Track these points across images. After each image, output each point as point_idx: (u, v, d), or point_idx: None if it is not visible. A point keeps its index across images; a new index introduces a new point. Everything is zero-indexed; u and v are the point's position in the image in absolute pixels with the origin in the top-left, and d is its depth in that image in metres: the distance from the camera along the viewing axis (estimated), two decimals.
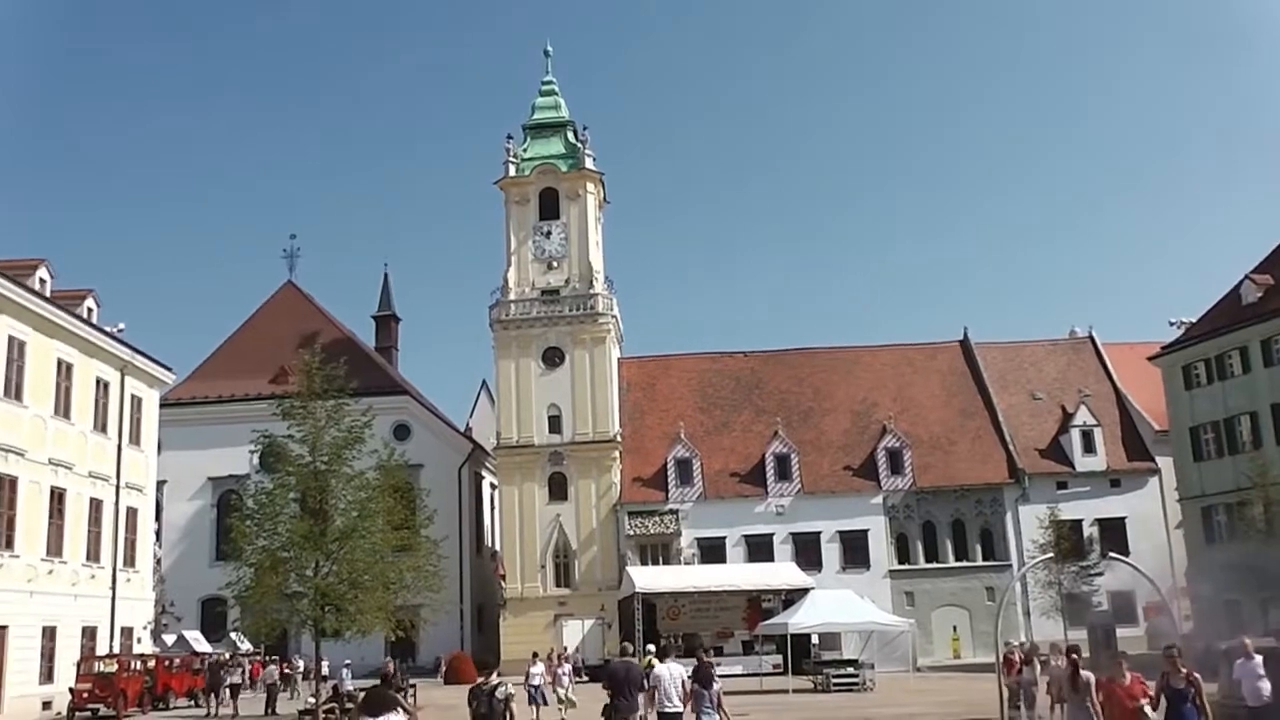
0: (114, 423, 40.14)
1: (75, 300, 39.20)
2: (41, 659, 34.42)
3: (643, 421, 58.34)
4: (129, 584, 40.82)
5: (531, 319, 57.83)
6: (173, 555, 58.84)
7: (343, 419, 24.41)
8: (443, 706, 31.10)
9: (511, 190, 60.14)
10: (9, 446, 33.04)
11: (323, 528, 23.44)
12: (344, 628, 23.92)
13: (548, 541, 55.69)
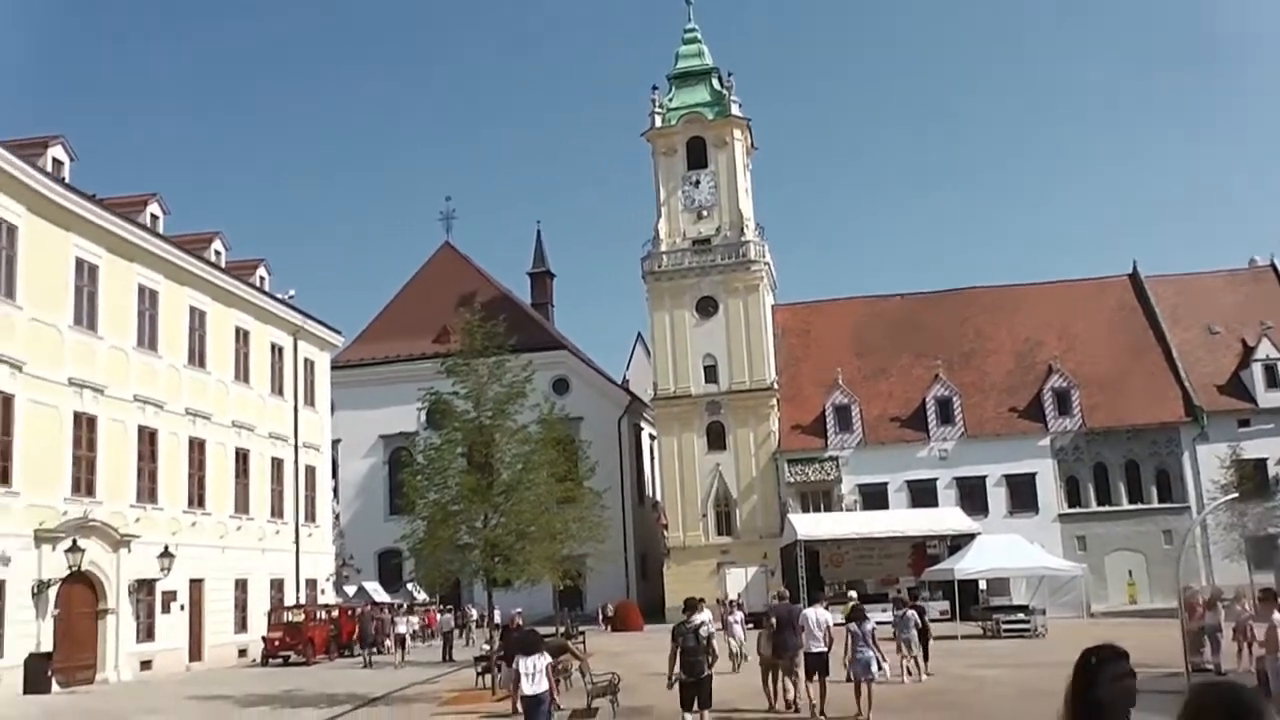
0: (289, 385, 42.01)
1: (248, 270, 41.02)
2: (235, 609, 36.59)
3: (799, 368, 57.92)
4: (310, 538, 42.87)
5: (684, 269, 57.87)
6: (350, 510, 61.42)
7: (504, 375, 24.88)
8: (612, 653, 31.77)
9: (659, 141, 60.09)
10: (196, 411, 34.97)
11: (489, 481, 23.99)
12: (513, 577, 24.51)
13: (708, 491, 56.02)
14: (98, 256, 30.78)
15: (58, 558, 27.44)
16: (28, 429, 27.25)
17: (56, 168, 30.36)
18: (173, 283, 34.34)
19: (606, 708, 18.88)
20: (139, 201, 35.04)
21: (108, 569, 29.72)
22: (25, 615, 26.48)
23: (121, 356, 31.51)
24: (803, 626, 17.86)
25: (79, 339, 29.68)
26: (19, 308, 27.39)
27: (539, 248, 79.23)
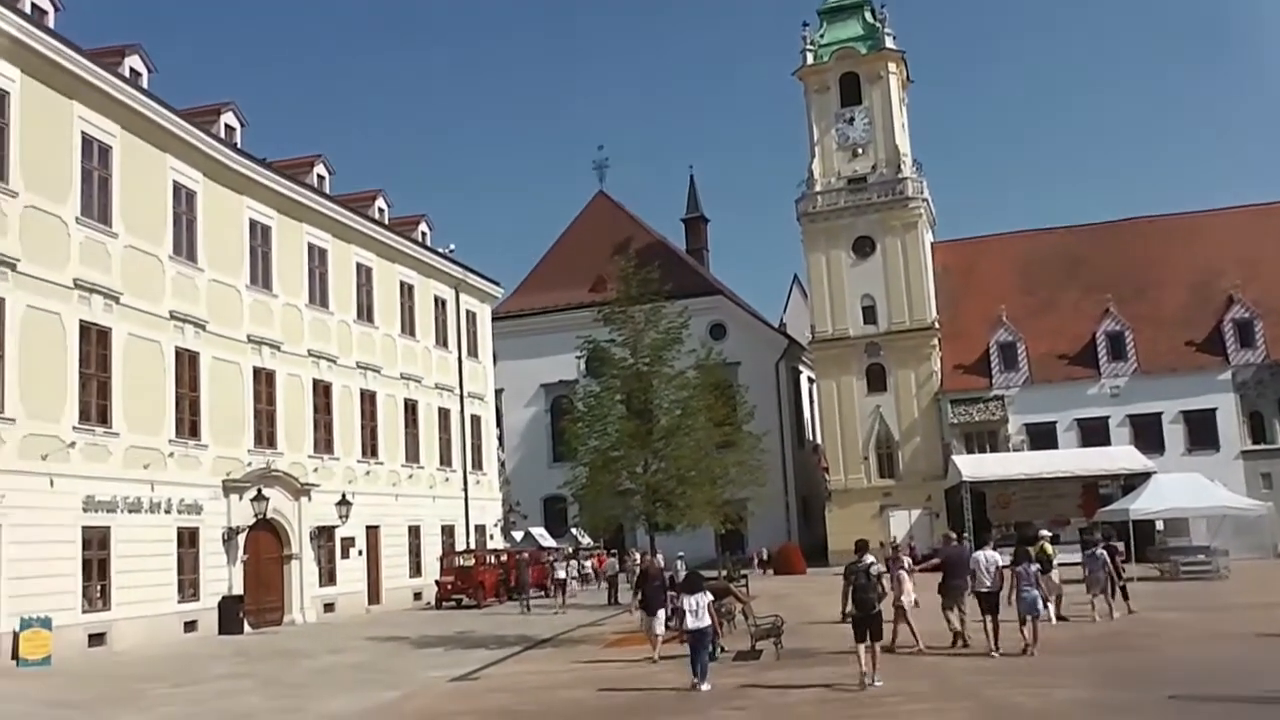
0: (453, 337, 43.16)
1: (410, 225, 42.14)
2: (409, 555, 38.02)
3: (961, 307, 56.42)
4: (478, 485, 44.15)
5: (839, 209, 56.94)
6: (515, 458, 62.95)
7: (660, 321, 24.96)
8: (774, 596, 31.85)
9: (810, 79, 58.99)
10: (367, 364, 36.27)
11: (648, 427, 24.19)
12: (674, 521, 24.73)
13: (869, 433, 55.39)
14: (269, 218, 32.05)
15: (244, 506, 28.97)
16: (212, 385, 28.72)
17: (229, 133, 31.63)
18: (340, 241, 35.54)
19: (770, 650, 18.98)
20: (306, 163, 36.29)
21: (290, 517, 31.24)
22: (217, 561, 28.10)
23: (295, 313, 32.84)
24: (973, 568, 18.44)
25: (256, 298, 31.03)
26: (200, 269, 28.78)
27: (692, 193, 79.06)
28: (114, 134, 25.95)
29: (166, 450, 26.74)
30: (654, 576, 20.65)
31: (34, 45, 23.24)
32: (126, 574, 24.65)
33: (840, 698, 14.46)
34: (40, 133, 23.52)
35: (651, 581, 20.32)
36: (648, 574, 21.08)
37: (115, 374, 25.17)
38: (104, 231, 25.28)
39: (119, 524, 24.67)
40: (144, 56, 28.59)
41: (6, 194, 22.44)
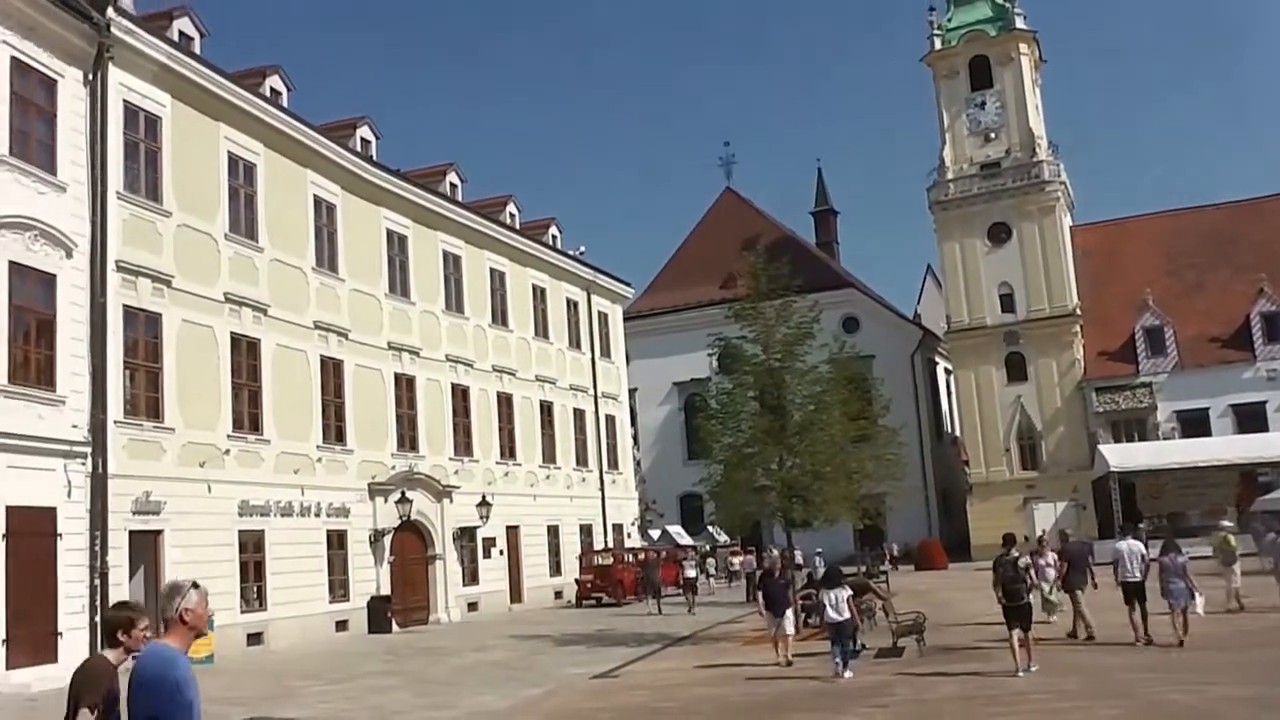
0: (586, 338, 43.63)
1: (540, 229, 42.76)
2: (549, 554, 38.59)
3: (1103, 291, 54.54)
4: (614, 485, 44.54)
5: (972, 196, 55.71)
6: (650, 456, 63.27)
7: (791, 316, 24.76)
8: (915, 592, 31.38)
9: (939, 64, 57.86)
10: (502, 368, 36.95)
11: (782, 423, 24.03)
12: (811, 517, 24.54)
13: (1010, 424, 54.05)
14: (405, 227, 32.90)
15: (389, 509, 29.80)
16: (356, 391, 29.63)
17: (364, 147, 32.59)
18: (473, 247, 36.27)
19: (912, 647, 18.71)
20: (438, 172, 37.14)
21: (433, 518, 32.01)
22: (365, 562, 28.98)
23: (432, 320, 33.64)
24: (1115, 559, 18.56)
25: (395, 306, 31.89)
26: (341, 280, 29.71)
27: (820, 186, 78.39)
28: (258, 152, 26.99)
29: (315, 456, 27.68)
30: (777, 575, 20.09)
31: (182, 71, 24.33)
32: (280, 575, 25.63)
33: (985, 694, 14.19)
34: (190, 154, 24.61)
35: (775, 580, 19.74)
36: (770, 572, 20.62)
37: (265, 383, 26.17)
38: (251, 246, 26.30)
39: (272, 527, 25.66)
40: (283, 76, 29.64)
41: (160, 214, 23.53)
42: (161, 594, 5.38)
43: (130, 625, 5.46)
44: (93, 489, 20.64)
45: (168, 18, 25.96)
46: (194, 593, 5.27)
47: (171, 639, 5.20)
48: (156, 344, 23.05)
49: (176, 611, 5.21)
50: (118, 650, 5.47)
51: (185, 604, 5.22)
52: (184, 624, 5.20)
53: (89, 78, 21.86)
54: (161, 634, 5.24)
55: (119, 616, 5.56)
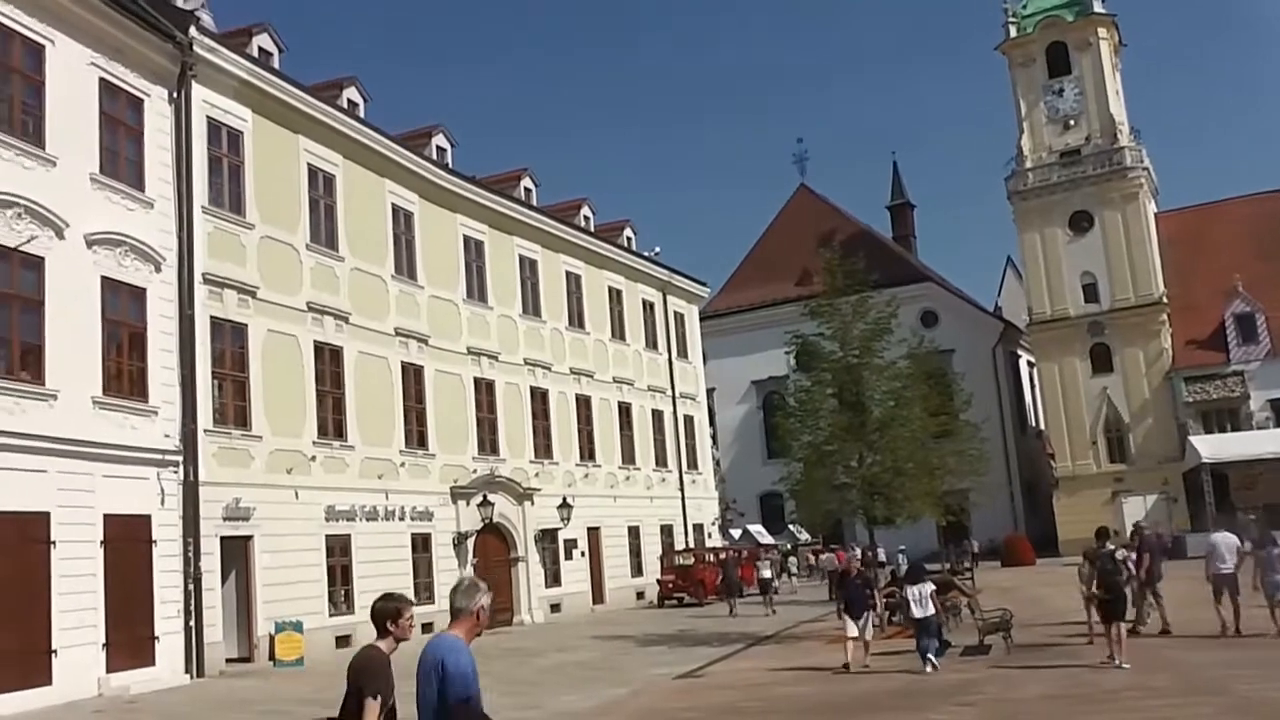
0: (662, 339, 43.68)
1: (615, 231, 42.89)
2: (630, 555, 38.71)
3: (1190, 279, 53.18)
4: (694, 485, 44.53)
5: (1052, 185, 54.74)
6: (729, 455, 63.17)
7: (868, 312, 24.58)
8: (1002, 589, 30.93)
9: (1014, 52, 56.95)
10: (580, 370, 37.15)
11: (862, 419, 23.87)
12: (893, 515, 24.35)
13: (1096, 416, 53.01)
14: (481, 233, 33.22)
15: (471, 512, 30.12)
16: (436, 396, 30.00)
17: (440, 155, 32.98)
18: (549, 251, 36.51)
19: (999, 644, 18.47)
20: (512, 177, 37.45)
21: (515, 520, 32.29)
22: (449, 565, 29.31)
23: (510, 324, 33.93)
24: (1209, 551, 18.57)
25: (473, 311, 32.23)
26: (420, 286, 30.10)
27: (896, 180, 77.74)
28: (336, 163, 27.47)
29: (398, 460, 28.09)
30: (855, 575, 19.42)
31: (262, 86, 24.87)
32: (367, 579, 26.00)
33: (1074, 693, 13.96)
34: (271, 167, 25.13)
35: (853, 581, 18.98)
36: (847, 572, 20.10)
37: (348, 390, 26.61)
38: (331, 256, 26.77)
39: (358, 531, 26.09)
40: (360, 88, 30.12)
41: (244, 226, 24.07)
42: (460, 587, 5.74)
43: (398, 615, 5.80)
44: (185, 496, 21.18)
45: (247, 34, 26.56)
46: (488, 596, 5.70)
47: (458, 630, 5.58)
48: (243, 354, 23.59)
49: (474, 607, 5.60)
50: (388, 640, 5.80)
51: (482, 603, 5.63)
52: (476, 620, 5.60)
53: (173, 95, 22.45)
54: (449, 624, 5.63)
55: (387, 608, 5.86)
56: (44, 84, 19.37)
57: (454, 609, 5.64)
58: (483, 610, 5.64)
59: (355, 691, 5.67)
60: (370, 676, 5.66)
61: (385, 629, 5.79)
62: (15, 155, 18.45)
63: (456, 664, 5.39)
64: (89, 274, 19.71)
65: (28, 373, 18.28)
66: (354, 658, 5.87)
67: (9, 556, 17.20)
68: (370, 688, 5.61)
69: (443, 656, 5.43)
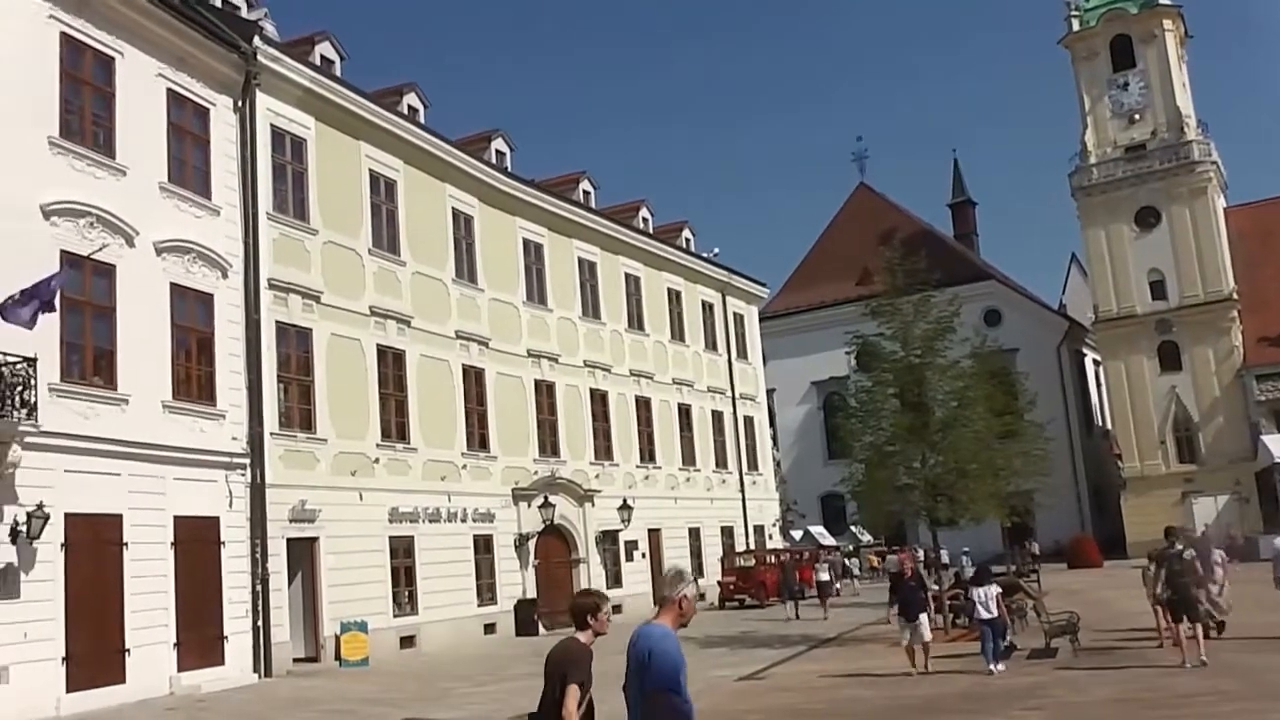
0: (721, 340, 43.61)
1: (673, 233, 42.91)
2: (691, 556, 38.66)
3: (1261, 274, 52.03)
4: (755, 486, 44.41)
5: (1117, 180, 53.80)
6: (790, 457, 62.89)
7: (930, 311, 24.36)
8: (1069, 591, 30.50)
9: (1077, 46, 56.07)
10: (639, 372, 37.22)
11: (924, 420, 23.66)
12: (957, 516, 24.11)
13: (1164, 415, 52.00)
14: (541, 236, 33.40)
15: (533, 514, 30.29)
16: (497, 399, 30.21)
17: (499, 159, 33.21)
18: (608, 253, 36.61)
19: (1066, 647, 18.22)
20: (571, 180, 37.61)
21: (576, 522, 32.42)
22: (511, 566, 29.52)
23: (570, 326, 34.07)
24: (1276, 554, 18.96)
25: (533, 313, 32.41)
26: (480, 290, 30.33)
27: (957, 177, 76.93)
28: (397, 169, 27.77)
29: (460, 462, 28.32)
30: (909, 577, 19.03)
31: (325, 94, 25.22)
32: (430, 580, 26.29)
33: (1143, 697, 13.73)
34: (333, 173, 25.47)
35: (908, 583, 18.53)
36: (902, 575, 19.69)
37: (410, 393, 26.89)
38: (393, 260, 27.07)
39: (421, 533, 26.34)
40: (419, 94, 30.42)
41: (308, 232, 24.42)
42: (666, 577, 5.98)
43: (596, 610, 6.10)
44: (252, 499, 21.53)
45: (309, 43, 26.96)
46: (693, 586, 5.86)
47: (664, 619, 5.76)
48: (308, 358, 23.94)
49: (677, 595, 5.78)
50: (587, 633, 6.07)
51: (685, 592, 5.81)
52: (679, 609, 5.75)
53: (238, 104, 22.86)
54: (655, 614, 5.83)
55: (587, 602, 6.18)
56: (114, 95, 19.82)
57: (660, 598, 5.86)
58: (686, 599, 5.77)
59: (557, 679, 5.89)
60: (573, 665, 5.90)
61: (585, 622, 6.06)
62: (87, 166, 18.89)
63: (663, 653, 5.53)
64: (158, 281, 20.13)
65: (100, 378, 18.70)
66: (554, 649, 6.11)
67: (85, 558, 17.61)
68: (573, 675, 5.84)
69: (650, 646, 5.58)
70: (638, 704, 5.57)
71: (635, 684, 5.58)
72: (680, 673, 5.53)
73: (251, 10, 25.43)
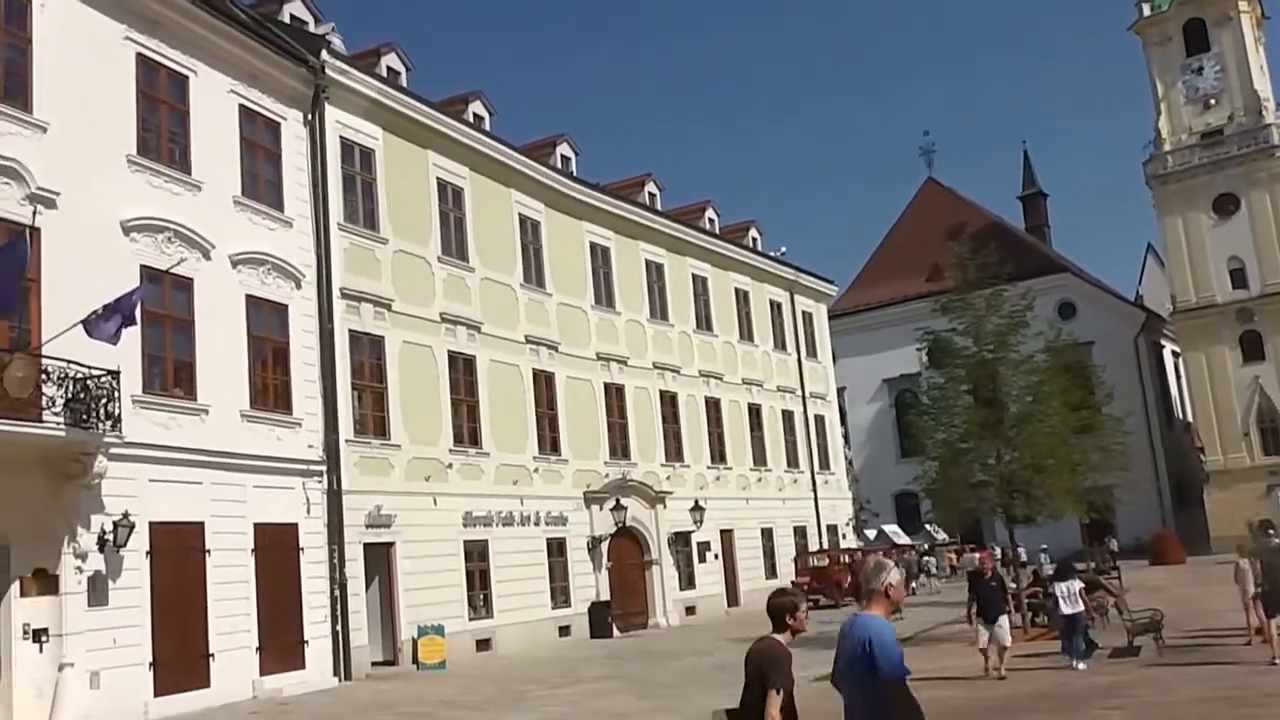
0: (790, 339, 43.42)
1: (740, 233, 42.82)
2: (763, 556, 38.55)
3: None
4: (827, 485, 44.13)
5: (1194, 167, 52.68)
6: (862, 455, 62.41)
7: (1002, 306, 24.07)
8: (1151, 588, 29.90)
9: (1149, 32, 54.99)
10: (709, 372, 37.20)
11: (998, 416, 23.39)
12: (1034, 513, 23.77)
13: (1248, 406, 50.81)
14: (607, 239, 33.51)
15: (605, 516, 30.38)
16: (568, 402, 30.35)
17: (564, 163, 33.39)
18: (675, 254, 36.62)
19: (1149, 646, 17.87)
20: (636, 183, 37.70)
21: (648, 524, 32.47)
22: (584, 569, 29.64)
23: (638, 329, 34.14)
24: None
25: (601, 317, 32.53)
26: (549, 294, 30.51)
27: (1027, 169, 75.86)
28: (464, 176, 28.03)
29: (531, 466, 28.51)
30: (989, 576, 18.47)
31: (392, 105, 25.55)
32: (504, 583, 26.51)
33: (1230, 695, 13.43)
34: (401, 183, 25.78)
35: (987, 583, 18.06)
36: (980, 574, 19.26)
37: (481, 398, 27.12)
38: (462, 267, 27.33)
39: (495, 537, 26.56)
40: (484, 101, 30.70)
41: (378, 241, 24.74)
42: (867, 569, 6.05)
43: (795, 609, 6.16)
44: (329, 505, 21.87)
45: (376, 55, 27.33)
46: (896, 572, 5.97)
47: (875, 609, 5.84)
48: (380, 365, 24.25)
49: (882, 585, 5.84)
50: (785, 633, 6.14)
51: (889, 580, 5.87)
52: (887, 597, 5.84)
53: (308, 118, 23.25)
54: (865, 605, 5.91)
55: (785, 602, 6.22)
56: (188, 112, 20.27)
57: (865, 591, 5.93)
58: (891, 587, 5.83)
59: (758, 680, 5.96)
60: (777, 669, 5.93)
61: (784, 622, 6.10)
62: (164, 182, 19.34)
63: (889, 643, 5.59)
64: (234, 292, 20.54)
65: (181, 389, 19.12)
66: (754, 649, 6.16)
67: (169, 565, 18.02)
68: (775, 678, 5.88)
69: (869, 636, 5.62)
70: (857, 695, 5.60)
71: (850, 675, 5.63)
72: (902, 661, 5.60)
73: (319, 25, 25.85)
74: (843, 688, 5.69)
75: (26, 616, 15.87)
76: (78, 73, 17.89)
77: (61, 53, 17.66)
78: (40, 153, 16.89)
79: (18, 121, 16.76)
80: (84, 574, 16.58)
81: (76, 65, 17.88)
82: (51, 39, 17.56)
